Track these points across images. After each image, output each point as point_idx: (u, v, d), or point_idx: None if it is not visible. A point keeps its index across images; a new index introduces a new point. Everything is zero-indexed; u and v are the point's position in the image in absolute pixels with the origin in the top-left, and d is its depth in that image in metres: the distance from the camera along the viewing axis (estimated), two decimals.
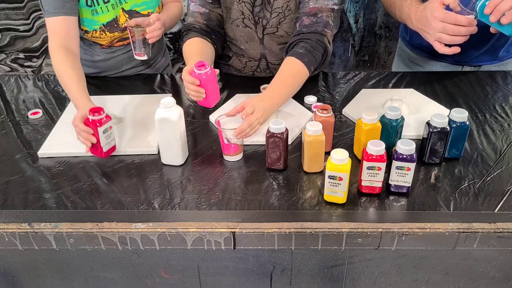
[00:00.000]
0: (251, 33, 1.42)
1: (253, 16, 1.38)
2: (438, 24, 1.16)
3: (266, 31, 1.40)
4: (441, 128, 1.04)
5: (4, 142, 1.22)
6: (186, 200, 1.01)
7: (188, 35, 1.39)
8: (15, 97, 1.45)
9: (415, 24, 1.26)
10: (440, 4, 1.16)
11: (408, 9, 1.28)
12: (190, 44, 1.36)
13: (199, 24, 1.41)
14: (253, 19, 1.38)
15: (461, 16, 1.14)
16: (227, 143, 1.10)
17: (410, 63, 1.65)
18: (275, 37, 1.41)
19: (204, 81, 1.15)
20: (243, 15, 1.38)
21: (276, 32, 1.40)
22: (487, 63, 1.51)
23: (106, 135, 1.05)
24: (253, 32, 1.41)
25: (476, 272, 1.01)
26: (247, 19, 1.39)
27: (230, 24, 1.42)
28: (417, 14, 1.24)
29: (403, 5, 1.30)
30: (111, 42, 1.49)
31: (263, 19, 1.38)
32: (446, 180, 1.05)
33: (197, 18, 1.42)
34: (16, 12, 2.51)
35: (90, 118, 1.04)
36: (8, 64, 2.72)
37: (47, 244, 0.96)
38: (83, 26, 1.40)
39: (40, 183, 1.07)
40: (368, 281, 1.04)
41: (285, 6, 1.34)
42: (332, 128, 1.11)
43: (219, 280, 1.06)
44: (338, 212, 0.96)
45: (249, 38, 1.43)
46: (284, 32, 1.40)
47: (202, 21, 1.41)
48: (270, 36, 1.41)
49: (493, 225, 0.92)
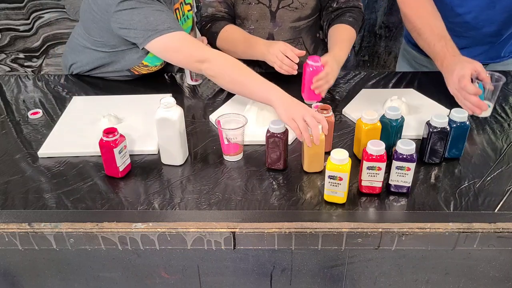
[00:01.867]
0: (263, 9, 1.43)
1: None
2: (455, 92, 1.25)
3: (282, 3, 1.43)
4: (441, 128, 1.04)
5: (4, 142, 1.22)
6: (186, 200, 1.01)
7: (216, 25, 1.44)
8: (15, 97, 1.45)
9: (443, 69, 1.30)
10: (468, 77, 1.20)
11: (442, 52, 1.30)
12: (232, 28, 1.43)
13: (221, 13, 1.44)
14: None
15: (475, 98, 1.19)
16: (227, 143, 1.10)
17: (415, 63, 1.65)
18: (290, 10, 1.44)
19: (311, 74, 1.26)
20: None
21: (292, 3, 1.43)
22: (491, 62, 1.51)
23: (121, 155, 1.05)
24: (265, 8, 1.43)
25: (476, 272, 1.01)
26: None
27: (241, 4, 1.44)
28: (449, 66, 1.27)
29: (435, 44, 1.31)
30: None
31: None
32: (446, 180, 1.05)
33: (217, 7, 1.46)
34: (16, 12, 2.51)
35: (104, 139, 1.02)
36: (8, 64, 2.72)
37: (47, 244, 0.96)
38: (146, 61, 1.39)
39: (40, 183, 1.07)
40: (368, 281, 1.04)
41: None
42: (332, 128, 1.11)
43: (219, 280, 1.06)
44: (338, 212, 0.96)
45: (261, 15, 1.45)
46: (299, 3, 1.44)
47: (223, 9, 1.45)
48: (285, 9, 1.44)
49: (493, 225, 0.92)
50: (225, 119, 1.12)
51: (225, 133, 1.09)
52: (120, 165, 1.05)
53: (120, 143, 1.04)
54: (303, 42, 1.54)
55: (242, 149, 1.14)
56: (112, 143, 1.02)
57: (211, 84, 1.50)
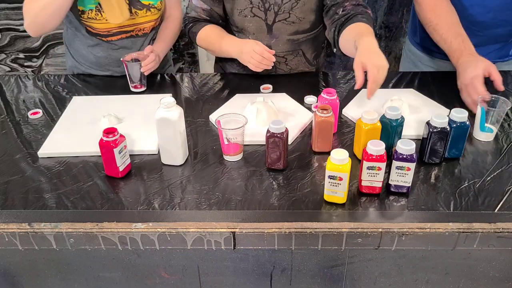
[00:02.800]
0: (259, 22, 1.42)
1: (263, 3, 1.39)
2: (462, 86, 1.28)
3: (278, 17, 1.41)
4: (441, 128, 1.04)
5: (4, 142, 1.22)
6: (186, 200, 1.01)
7: (197, 26, 1.47)
8: (15, 97, 1.45)
9: (458, 65, 1.32)
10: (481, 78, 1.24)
11: (459, 50, 1.32)
12: (211, 28, 1.46)
13: (202, 18, 1.46)
14: (263, 7, 1.39)
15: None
16: (227, 143, 1.10)
17: (420, 63, 1.65)
18: (287, 24, 1.42)
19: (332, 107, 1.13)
20: (251, 4, 1.39)
21: (288, 18, 1.41)
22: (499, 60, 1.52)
23: (121, 155, 1.05)
24: (261, 21, 1.42)
25: (476, 272, 1.01)
26: (256, 8, 1.40)
27: (237, 16, 1.43)
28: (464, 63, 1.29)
29: (452, 41, 1.34)
30: (109, 31, 1.50)
31: (274, 6, 1.39)
32: (446, 180, 1.05)
33: (200, 13, 1.47)
34: (16, 12, 2.51)
35: (104, 139, 1.02)
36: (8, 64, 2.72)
37: (47, 244, 0.96)
38: (80, 5, 1.41)
39: (40, 183, 1.07)
40: (368, 281, 1.04)
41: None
42: (332, 128, 1.11)
43: (219, 280, 1.06)
44: (338, 212, 0.96)
45: (257, 28, 1.44)
46: (296, 18, 1.42)
47: (204, 17, 1.46)
48: (282, 22, 1.42)
49: (493, 225, 0.92)
50: (225, 119, 1.12)
51: (225, 133, 1.09)
52: (120, 165, 1.05)
53: (120, 143, 1.04)
54: (303, 54, 1.52)
55: (242, 149, 1.14)
56: (112, 143, 1.02)
57: (211, 84, 1.50)
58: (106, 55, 1.55)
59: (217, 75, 1.57)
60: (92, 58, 1.56)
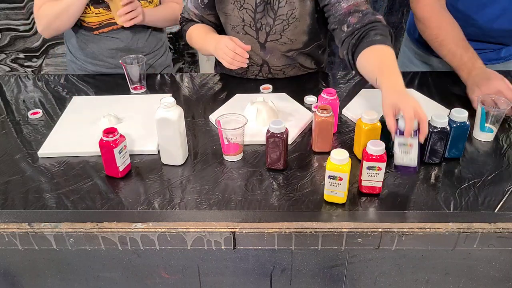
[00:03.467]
0: (252, 40, 1.41)
1: (254, 23, 1.37)
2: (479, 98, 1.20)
3: (270, 37, 1.40)
4: (441, 128, 1.04)
5: (4, 142, 1.22)
6: (186, 200, 1.01)
7: (188, 24, 1.49)
8: (15, 97, 1.45)
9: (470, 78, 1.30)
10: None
11: (470, 63, 1.32)
12: (199, 26, 1.46)
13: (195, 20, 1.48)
14: (254, 26, 1.38)
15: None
16: (227, 143, 1.10)
17: (416, 60, 1.65)
18: (279, 44, 1.41)
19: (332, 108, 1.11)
20: (243, 22, 1.38)
21: (280, 39, 1.39)
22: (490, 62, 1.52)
23: (121, 155, 1.05)
24: (253, 39, 1.41)
25: (476, 272, 1.01)
26: (248, 26, 1.38)
27: (230, 30, 1.42)
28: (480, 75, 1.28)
29: (462, 55, 1.33)
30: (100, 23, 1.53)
31: (266, 26, 1.37)
32: (446, 180, 1.05)
33: (192, 17, 1.48)
34: (16, 12, 2.51)
35: (104, 139, 1.02)
36: (8, 64, 2.73)
37: (47, 244, 0.96)
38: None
39: (40, 183, 1.07)
40: (368, 281, 1.04)
41: (289, 14, 1.33)
42: (332, 128, 1.11)
43: (219, 280, 1.06)
44: (338, 212, 0.96)
45: (251, 44, 1.41)
46: (288, 39, 1.39)
47: (196, 20, 1.48)
48: (274, 42, 1.41)
49: (493, 225, 0.92)
50: (225, 119, 1.12)
51: (225, 133, 1.09)
52: (120, 165, 1.05)
53: (120, 143, 1.04)
54: (301, 65, 1.50)
55: (242, 149, 1.14)
56: (112, 143, 1.02)
57: (211, 84, 1.50)
58: (98, 47, 1.59)
59: (217, 75, 1.57)
60: (86, 50, 1.60)
